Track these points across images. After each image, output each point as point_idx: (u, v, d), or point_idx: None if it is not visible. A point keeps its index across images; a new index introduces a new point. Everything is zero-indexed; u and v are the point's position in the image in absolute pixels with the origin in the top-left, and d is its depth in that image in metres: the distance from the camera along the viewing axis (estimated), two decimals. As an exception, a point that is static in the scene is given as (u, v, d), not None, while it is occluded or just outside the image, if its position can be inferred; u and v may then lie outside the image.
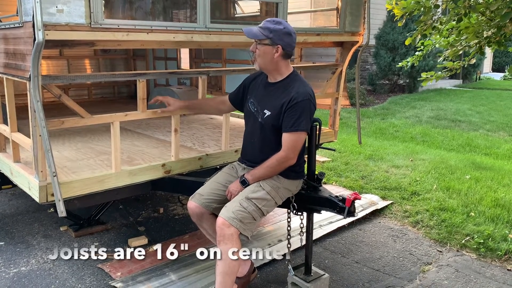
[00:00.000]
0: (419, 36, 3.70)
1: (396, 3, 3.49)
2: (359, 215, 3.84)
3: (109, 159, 2.77)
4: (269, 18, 2.39)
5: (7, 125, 2.66)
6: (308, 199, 2.60)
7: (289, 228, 2.77)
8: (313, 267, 2.74)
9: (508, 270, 3.11)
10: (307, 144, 2.55)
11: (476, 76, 17.28)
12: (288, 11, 3.22)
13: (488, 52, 18.24)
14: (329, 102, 3.97)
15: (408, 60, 4.27)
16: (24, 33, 2.25)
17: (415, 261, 3.22)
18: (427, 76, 3.91)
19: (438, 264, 3.18)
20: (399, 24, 3.68)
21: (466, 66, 3.94)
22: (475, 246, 3.37)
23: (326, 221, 3.71)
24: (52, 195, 2.30)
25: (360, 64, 5.94)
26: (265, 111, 2.42)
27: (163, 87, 5.44)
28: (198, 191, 2.55)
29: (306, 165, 2.63)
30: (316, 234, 3.41)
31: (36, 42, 2.06)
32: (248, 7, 5.30)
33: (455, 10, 3.32)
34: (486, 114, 9.84)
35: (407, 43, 3.80)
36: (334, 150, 3.82)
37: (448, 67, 3.88)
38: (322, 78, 3.97)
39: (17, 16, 2.30)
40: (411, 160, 5.60)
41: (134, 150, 3.19)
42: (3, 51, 2.64)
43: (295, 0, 4.60)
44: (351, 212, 2.44)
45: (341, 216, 2.51)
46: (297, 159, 2.41)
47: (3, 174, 2.92)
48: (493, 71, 22.47)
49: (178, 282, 2.77)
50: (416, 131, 8.02)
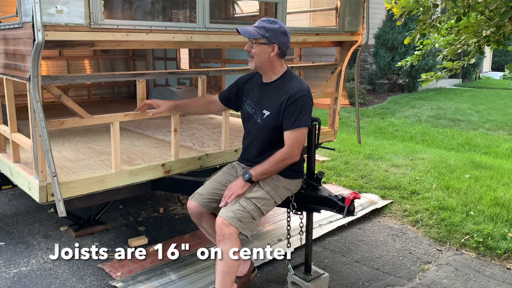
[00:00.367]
0: (418, 35, 3.69)
1: (395, 2, 3.48)
2: (359, 214, 3.85)
3: (109, 159, 2.77)
4: (263, 18, 2.40)
5: (7, 125, 2.66)
6: (308, 199, 2.60)
7: (289, 228, 2.78)
8: (313, 266, 2.75)
9: (507, 268, 3.11)
10: (306, 143, 2.55)
11: (476, 75, 17.27)
12: (287, 11, 3.23)
13: (488, 51, 18.26)
14: (328, 102, 3.97)
15: (407, 59, 4.27)
16: (23, 33, 2.25)
17: (415, 260, 3.23)
18: (427, 77, 3.90)
19: (438, 263, 3.18)
20: (398, 23, 3.68)
21: (465, 65, 3.94)
22: (474, 245, 3.38)
23: (325, 220, 3.71)
24: (52, 195, 2.30)
25: (360, 63, 5.95)
26: (264, 112, 2.43)
27: (162, 87, 5.44)
28: (198, 190, 2.56)
29: (305, 164, 2.63)
30: (316, 234, 3.42)
31: (35, 42, 2.07)
32: (247, 7, 5.30)
33: (454, 9, 3.32)
34: (486, 113, 9.84)
35: (406, 42, 3.80)
36: (334, 150, 3.82)
37: (448, 67, 3.88)
38: (321, 77, 3.98)
39: (16, 16, 2.31)
40: (411, 159, 5.61)
41: (134, 150, 3.19)
42: (3, 51, 2.64)
43: (294, 0, 4.60)
44: (350, 211, 2.44)
45: (340, 216, 2.51)
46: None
47: (3, 174, 2.92)
48: (492, 70, 22.44)
49: (178, 282, 2.77)
50: (416, 130, 8.02)
